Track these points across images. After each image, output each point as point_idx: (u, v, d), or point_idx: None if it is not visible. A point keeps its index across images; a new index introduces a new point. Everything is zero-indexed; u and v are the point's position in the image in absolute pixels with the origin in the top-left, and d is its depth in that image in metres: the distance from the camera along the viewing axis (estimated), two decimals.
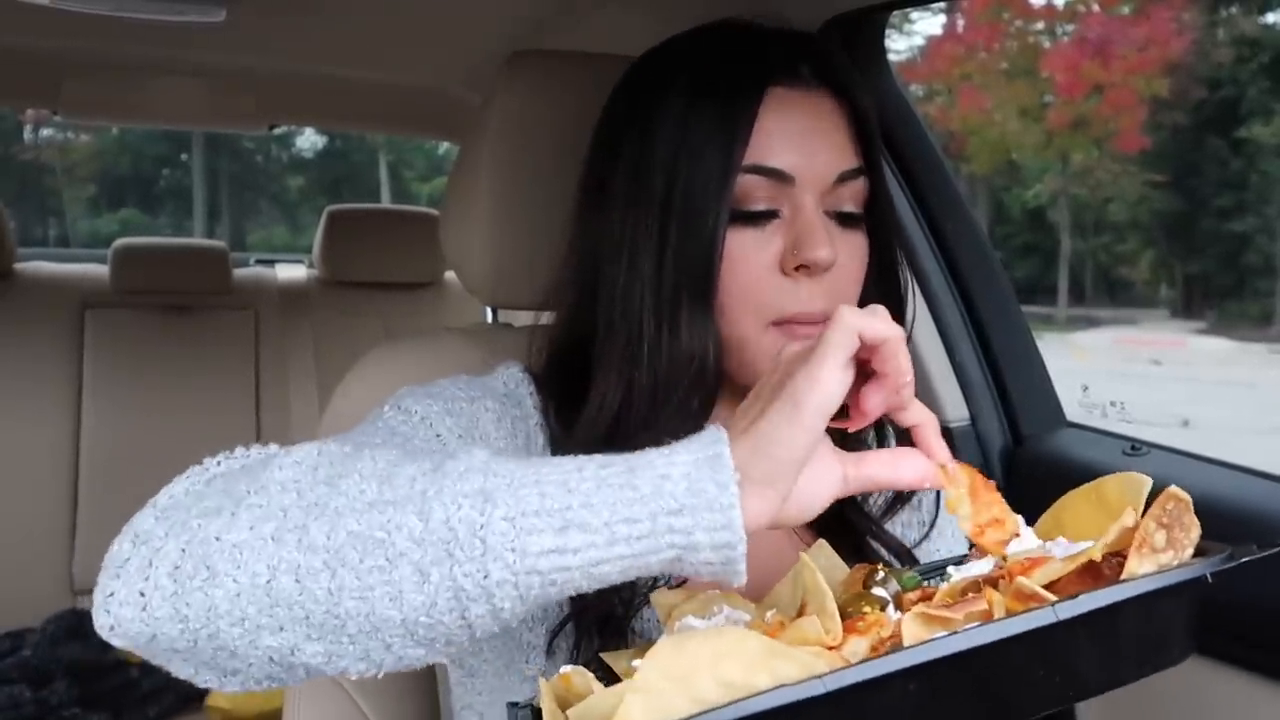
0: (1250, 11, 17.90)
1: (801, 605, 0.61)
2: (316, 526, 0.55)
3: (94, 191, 21.81)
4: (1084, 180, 17.88)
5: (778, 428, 0.56)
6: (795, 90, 0.79)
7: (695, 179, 0.77)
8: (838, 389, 0.57)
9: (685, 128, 0.79)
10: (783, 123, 0.78)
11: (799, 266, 0.76)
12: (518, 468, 0.56)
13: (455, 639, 0.56)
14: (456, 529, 0.53)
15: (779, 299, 0.77)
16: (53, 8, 1.39)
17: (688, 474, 0.54)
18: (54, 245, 17.05)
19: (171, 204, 22.31)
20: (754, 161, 0.77)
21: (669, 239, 0.77)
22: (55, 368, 2.32)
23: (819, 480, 0.58)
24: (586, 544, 0.53)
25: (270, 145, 21.66)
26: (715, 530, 0.53)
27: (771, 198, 0.78)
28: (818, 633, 0.55)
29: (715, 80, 0.80)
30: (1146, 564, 0.55)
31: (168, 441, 2.34)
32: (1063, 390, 1.36)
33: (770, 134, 0.78)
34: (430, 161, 20.88)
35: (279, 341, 2.51)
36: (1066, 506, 0.65)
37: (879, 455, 0.61)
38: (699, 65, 0.81)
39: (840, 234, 0.79)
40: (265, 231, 22.12)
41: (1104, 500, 0.62)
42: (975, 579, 0.60)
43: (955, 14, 17.27)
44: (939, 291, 1.31)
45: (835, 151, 0.79)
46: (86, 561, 2.25)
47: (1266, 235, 16.59)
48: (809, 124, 0.79)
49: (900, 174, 1.32)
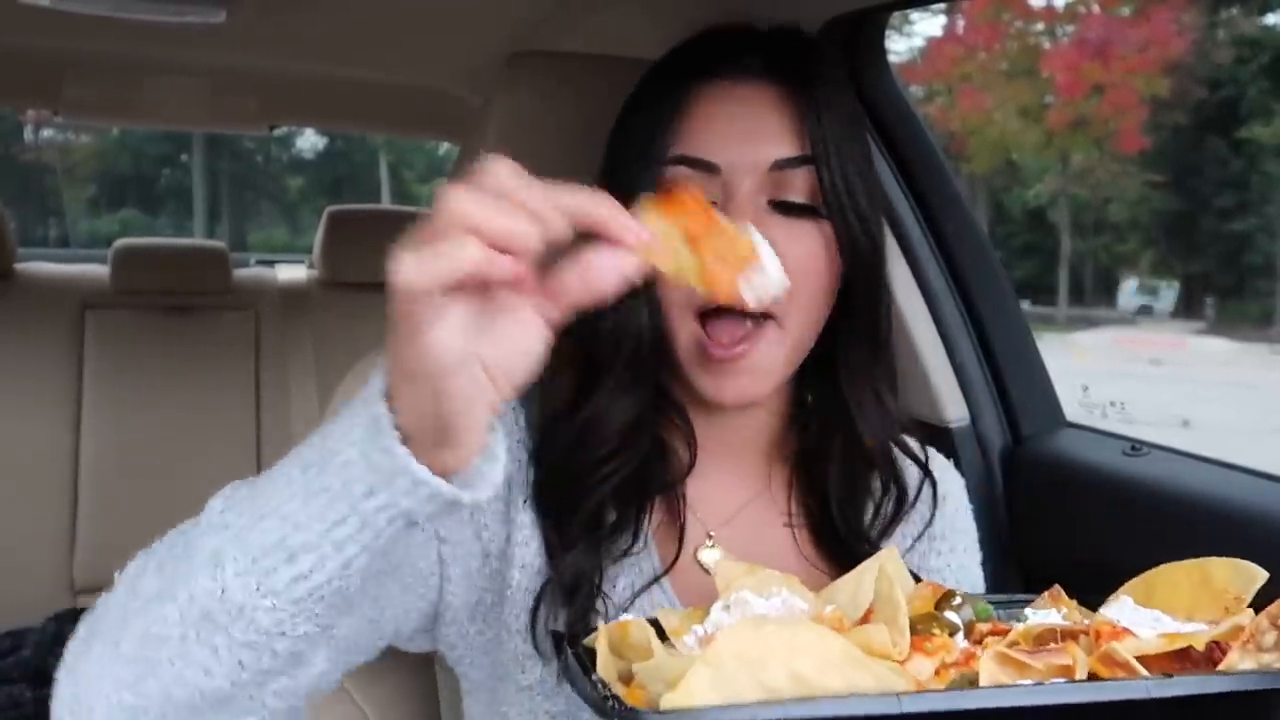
0: (1250, 12, 17.91)
1: (868, 610, 0.60)
2: (125, 640, 0.60)
3: (94, 191, 21.83)
4: (1084, 180, 17.89)
5: (399, 345, 0.53)
6: (734, 82, 0.81)
7: (626, 172, 0.80)
8: (414, 269, 0.51)
9: (626, 128, 0.83)
10: (712, 115, 0.80)
11: None
12: (247, 502, 0.59)
13: (289, 669, 0.61)
14: (206, 603, 0.57)
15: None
16: (53, 8, 1.39)
17: (363, 451, 0.55)
18: (54, 245, 17.05)
19: (171, 204, 22.32)
20: (680, 152, 0.79)
21: None
22: (55, 368, 2.32)
23: (511, 339, 0.55)
24: (320, 559, 0.56)
25: (270, 145, 21.68)
26: (413, 492, 0.55)
27: (702, 189, 0.76)
28: (885, 644, 0.54)
29: (654, 81, 0.84)
30: (1248, 660, 0.53)
31: (168, 441, 2.34)
32: (1063, 390, 1.36)
33: (700, 126, 0.79)
34: (430, 162, 20.89)
35: (279, 342, 2.50)
36: (1163, 576, 0.63)
37: (568, 277, 0.55)
38: (651, 71, 0.85)
39: (782, 223, 0.78)
40: (265, 232, 22.12)
41: (1208, 581, 0.61)
42: (1053, 628, 0.58)
43: (955, 15, 17.29)
44: (939, 291, 1.31)
45: (770, 140, 0.79)
46: (86, 561, 2.25)
47: (1266, 235, 16.59)
48: (741, 113, 0.80)
49: (900, 174, 1.32)
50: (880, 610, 0.58)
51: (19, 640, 2.15)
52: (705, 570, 0.83)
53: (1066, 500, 1.20)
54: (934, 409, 1.30)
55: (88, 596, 2.25)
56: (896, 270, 1.31)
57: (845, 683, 0.49)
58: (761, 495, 0.88)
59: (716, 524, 0.86)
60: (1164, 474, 1.12)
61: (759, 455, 0.89)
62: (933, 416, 1.30)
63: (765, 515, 0.87)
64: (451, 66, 1.86)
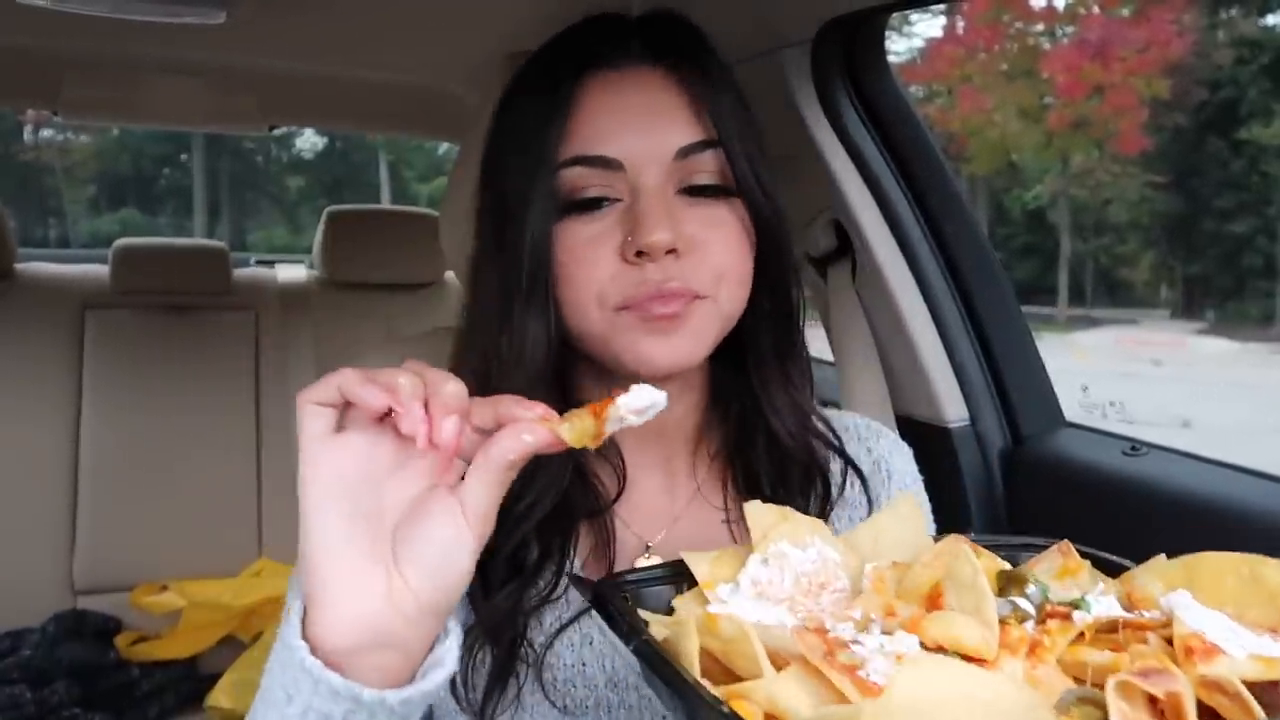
0: (1250, 13, 17.91)
1: (935, 591, 0.55)
2: None
3: (94, 191, 21.83)
4: (1084, 181, 17.89)
5: (308, 546, 0.56)
6: (622, 72, 0.77)
7: (519, 177, 0.76)
8: (324, 460, 0.55)
9: (510, 130, 0.79)
10: (607, 108, 0.76)
11: (638, 253, 0.73)
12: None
13: None
14: None
15: (619, 287, 0.74)
16: (53, 8, 1.39)
17: (282, 662, 0.57)
18: (54, 245, 17.06)
19: (171, 204, 22.32)
20: (578, 153, 0.75)
21: (504, 238, 0.77)
22: (55, 368, 2.32)
23: (438, 543, 0.56)
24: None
25: (270, 145, 21.69)
26: (336, 698, 0.55)
27: (606, 185, 0.75)
28: (979, 644, 0.50)
29: (535, 76, 0.79)
30: None
31: (168, 442, 2.34)
32: (1063, 390, 1.36)
33: (594, 122, 0.75)
34: (430, 161, 20.90)
35: (279, 342, 2.50)
36: (1206, 565, 0.59)
37: (474, 469, 0.56)
38: (527, 65, 0.81)
39: (694, 208, 0.76)
40: (265, 232, 22.12)
41: (1259, 581, 0.56)
42: (1115, 620, 0.54)
43: (955, 16, 17.29)
44: (939, 291, 1.31)
45: (672, 128, 0.76)
46: (86, 561, 2.25)
47: (1266, 236, 16.59)
48: (637, 103, 0.76)
49: (900, 174, 1.32)
50: (958, 596, 0.53)
51: (19, 640, 2.15)
52: None
53: (1066, 500, 1.20)
54: (934, 409, 1.30)
55: (88, 597, 2.26)
56: (896, 270, 1.31)
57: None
58: (694, 496, 0.86)
59: (653, 533, 0.83)
60: (1164, 474, 1.12)
61: (684, 455, 0.87)
62: (933, 416, 1.31)
63: (701, 515, 0.85)
64: (451, 66, 1.86)
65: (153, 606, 2.24)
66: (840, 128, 1.30)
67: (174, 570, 2.29)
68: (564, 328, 0.77)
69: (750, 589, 0.57)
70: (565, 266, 0.75)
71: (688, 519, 0.85)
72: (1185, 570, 0.59)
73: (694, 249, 0.74)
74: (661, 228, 0.72)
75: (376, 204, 8.81)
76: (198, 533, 2.33)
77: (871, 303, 1.34)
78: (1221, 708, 0.49)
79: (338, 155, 22.84)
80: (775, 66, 1.29)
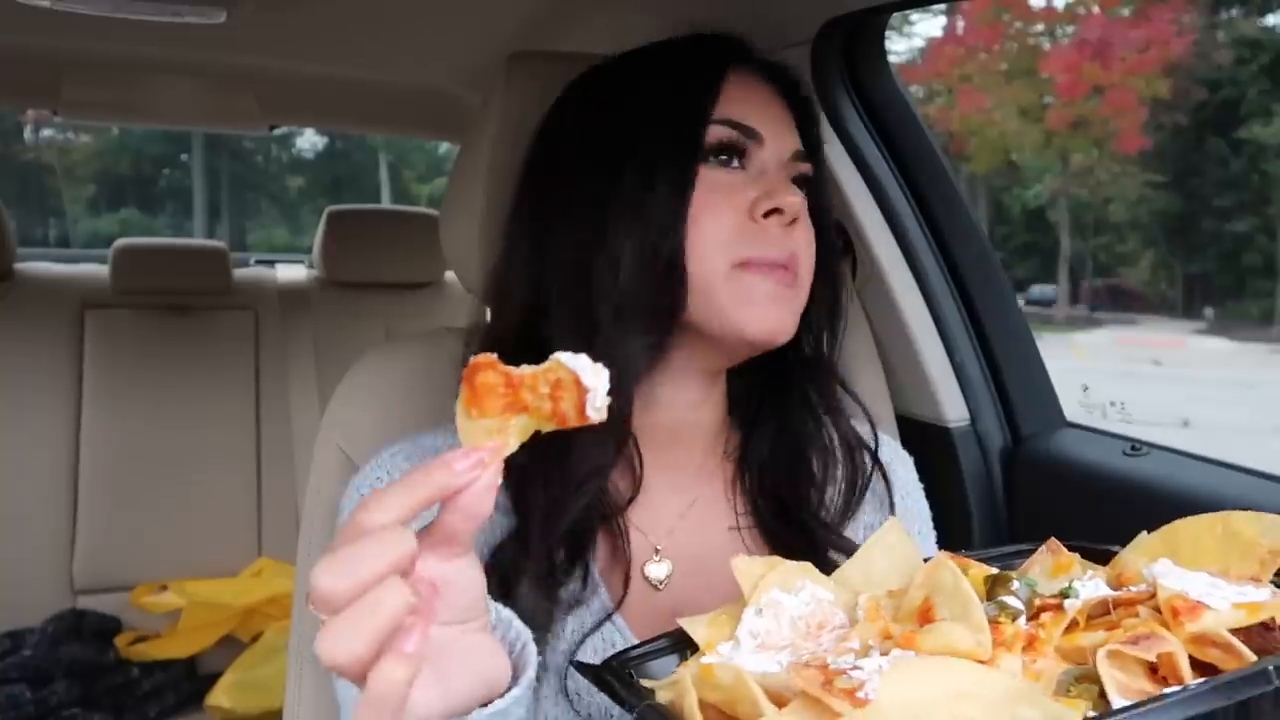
0: (1250, 13, 17.91)
1: (925, 606, 0.56)
2: None
3: (94, 191, 21.82)
4: (1084, 180, 17.89)
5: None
6: (752, 74, 0.85)
7: (658, 136, 0.80)
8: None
9: (645, 95, 0.83)
10: (751, 91, 0.84)
11: (769, 213, 0.79)
12: None
13: None
14: None
15: (744, 241, 0.79)
16: (53, 8, 1.39)
17: None
18: (54, 245, 17.05)
19: (171, 204, 22.32)
20: (727, 116, 0.81)
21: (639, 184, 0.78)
22: (55, 368, 2.32)
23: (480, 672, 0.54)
24: None
25: (270, 145, 21.67)
26: None
27: (745, 149, 0.82)
28: (971, 646, 0.51)
29: (676, 59, 0.85)
30: None
31: (168, 442, 2.35)
32: (1063, 390, 1.36)
33: (737, 99, 0.82)
34: (430, 161, 20.89)
35: (279, 342, 2.50)
36: (1183, 531, 0.62)
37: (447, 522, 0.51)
38: (657, 55, 0.87)
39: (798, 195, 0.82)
40: (265, 232, 22.12)
41: (1235, 536, 0.59)
42: (1105, 600, 0.56)
43: (955, 15, 17.29)
44: (939, 291, 1.31)
45: (791, 131, 0.85)
46: (86, 561, 2.25)
47: (1266, 235, 16.59)
48: (770, 98, 0.85)
49: (900, 174, 1.32)
50: (947, 605, 0.54)
51: (19, 640, 2.15)
52: (655, 586, 0.82)
53: (1066, 500, 1.20)
54: (934, 409, 1.30)
55: (87, 597, 2.26)
56: (896, 270, 1.31)
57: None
58: (703, 498, 0.86)
59: (661, 535, 0.84)
60: (1164, 474, 1.12)
61: (700, 457, 0.87)
62: (933, 416, 1.31)
63: (709, 517, 0.86)
64: (451, 66, 1.86)
65: (152, 606, 2.24)
66: (840, 128, 1.30)
67: (174, 570, 2.29)
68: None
69: (750, 641, 0.57)
70: (697, 212, 0.79)
71: (696, 519, 0.85)
72: (1164, 540, 0.61)
73: (797, 227, 0.81)
74: (796, 193, 0.80)
75: (376, 204, 8.81)
76: (197, 532, 2.33)
77: (871, 303, 1.34)
78: (1217, 660, 0.50)
79: (338, 155, 22.83)
80: None
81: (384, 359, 1.03)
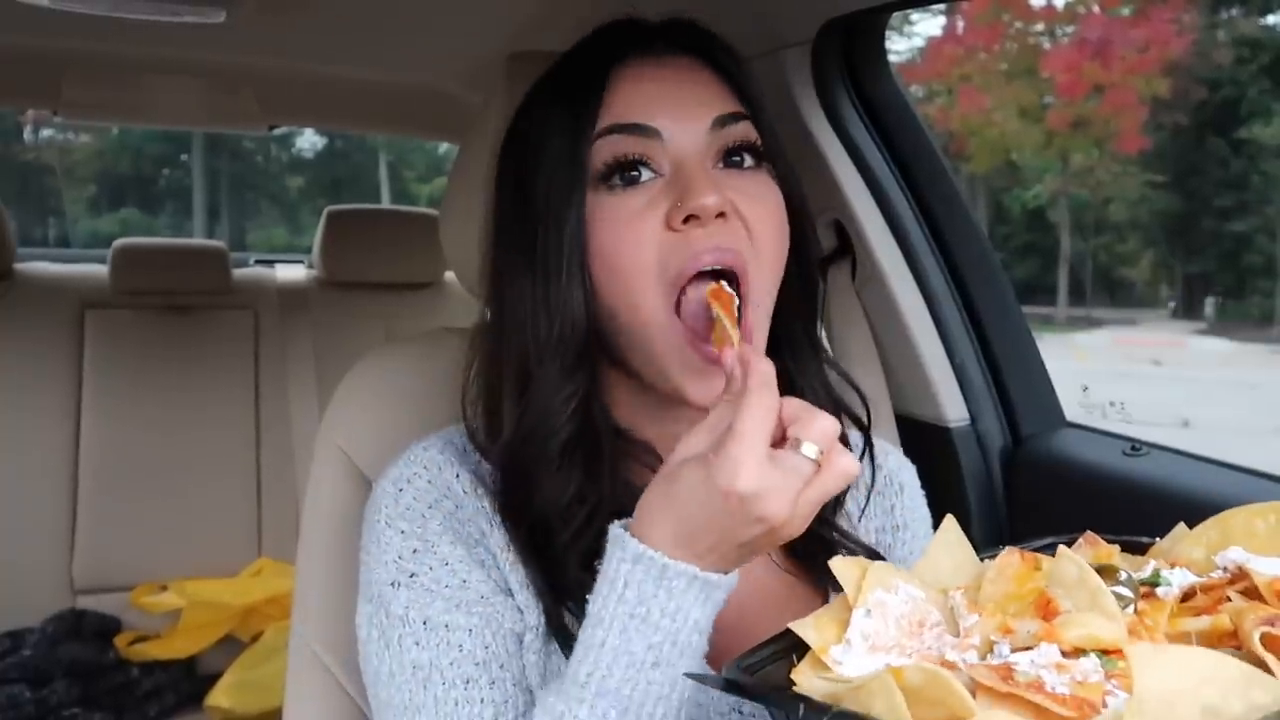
0: (1250, 13, 17.91)
1: (1044, 599, 0.56)
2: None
3: (94, 191, 21.81)
4: (1084, 180, 17.89)
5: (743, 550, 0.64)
6: (657, 57, 0.79)
7: (554, 158, 0.76)
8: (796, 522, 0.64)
9: (540, 119, 0.80)
10: (643, 82, 0.77)
11: (686, 219, 0.73)
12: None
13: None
14: None
15: (674, 257, 0.73)
16: (53, 7, 1.39)
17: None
18: (54, 245, 17.04)
19: (171, 204, 22.30)
20: (615, 121, 0.76)
21: (535, 224, 0.76)
22: (55, 368, 2.32)
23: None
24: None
25: (270, 145, 21.65)
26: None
27: (644, 154, 0.75)
28: (1114, 635, 0.52)
29: (565, 68, 0.82)
30: None
31: (167, 441, 2.34)
32: (1063, 390, 1.36)
33: (630, 97, 0.77)
34: (430, 161, 20.88)
35: (279, 341, 2.50)
36: (1235, 521, 0.63)
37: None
38: (551, 72, 0.83)
39: (737, 179, 0.77)
40: (265, 232, 22.11)
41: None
42: (1191, 587, 0.57)
43: (955, 15, 17.28)
44: (939, 292, 1.31)
45: (707, 98, 0.78)
46: (86, 561, 2.25)
47: (1266, 235, 16.60)
48: (671, 80, 0.78)
49: (900, 174, 1.32)
50: (1071, 597, 0.55)
51: (19, 640, 2.15)
52: None
53: (1066, 500, 1.20)
54: (934, 409, 1.30)
55: (87, 596, 2.26)
56: (897, 270, 1.31)
57: (1246, 705, 0.47)
58: None
59: None
60: (1164, 474, 1.12)
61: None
62: (933, 416, 1.31)
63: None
64: (451, 66, 1.86)
65: (152, 606, 2.24)
66: (840, 128, 1.30)
67: (174, 570, 2.29)
68: (603, 311, 0.76)
69: (862, 643, 0.58)
70: (609, 244, 0.74)
71: None
72: (1219, 529, 0.63)
73: (738, 215, 0.75)
74: (709, 191, 0.72)
75: (376, 204, 8.81)
76: (197, 532, 2.33)
77: (871, 303, 1.34)
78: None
79: (338, 155, 22.81)
80: (775, 67, 1.29)
81: (384, 359, 1.03)
